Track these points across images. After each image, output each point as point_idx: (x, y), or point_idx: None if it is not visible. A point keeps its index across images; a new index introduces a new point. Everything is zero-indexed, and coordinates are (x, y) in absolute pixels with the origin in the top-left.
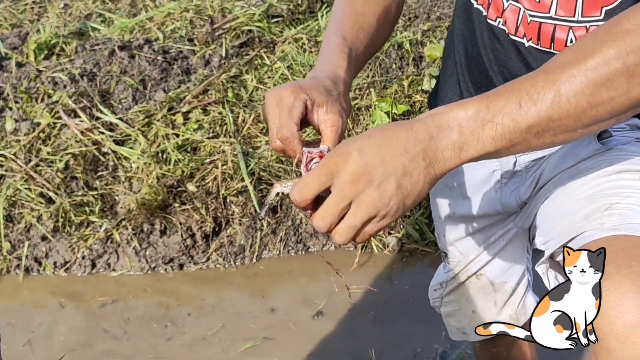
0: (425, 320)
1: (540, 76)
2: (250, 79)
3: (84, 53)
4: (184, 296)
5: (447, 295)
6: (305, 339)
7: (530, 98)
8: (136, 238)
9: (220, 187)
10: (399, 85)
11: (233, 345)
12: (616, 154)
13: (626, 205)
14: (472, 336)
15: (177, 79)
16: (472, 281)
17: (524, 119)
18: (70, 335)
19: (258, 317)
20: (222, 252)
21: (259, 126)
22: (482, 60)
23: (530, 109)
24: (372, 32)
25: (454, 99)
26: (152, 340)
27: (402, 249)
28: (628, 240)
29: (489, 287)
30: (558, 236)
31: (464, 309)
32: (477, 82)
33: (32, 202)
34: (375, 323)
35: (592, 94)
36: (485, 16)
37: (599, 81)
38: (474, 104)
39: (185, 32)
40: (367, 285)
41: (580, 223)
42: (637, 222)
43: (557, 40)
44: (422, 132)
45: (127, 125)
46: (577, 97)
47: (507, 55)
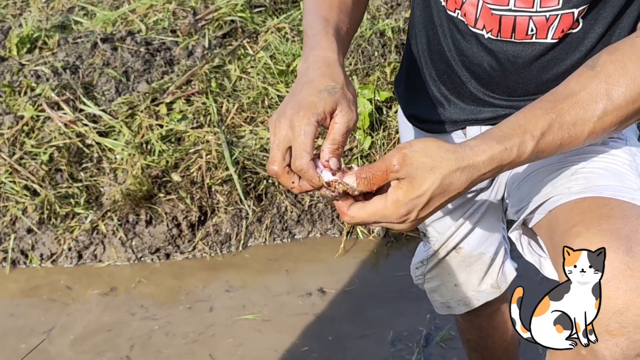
0: (410, 304)
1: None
2: (234, 69)
3: (67, 46)
4: (174, 285)
5: (429, 271)
6: (291, 324)
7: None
8: (122, 229)
9: (204, 176)
10: (381, 72)
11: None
12: None
13: (590, 169)
14: (456, 309)
15: (160, 70)
16: (452, 256)
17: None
18: (61, 327)
19: (246, 304)
20: (208, 241)
21: (243, 115)
22: (443, 49)
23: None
24: (351, 8)
25: (421, 87)
26: (144, 329)
27: (387, 235)
28: (595, 202)
29: (468, 259)
30: (528, 203)
31: (447, 284)
32: (440, 71)
33: (17, 195)
34: (360, 307)
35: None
36: (444, 7)
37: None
38: (496, 150)
39: (167, 23)
40: (352, 271)
41: (548, 189)
42: (602, 184)
43: (518, 30)
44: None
45: (111, 117)
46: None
47: (468, 45)
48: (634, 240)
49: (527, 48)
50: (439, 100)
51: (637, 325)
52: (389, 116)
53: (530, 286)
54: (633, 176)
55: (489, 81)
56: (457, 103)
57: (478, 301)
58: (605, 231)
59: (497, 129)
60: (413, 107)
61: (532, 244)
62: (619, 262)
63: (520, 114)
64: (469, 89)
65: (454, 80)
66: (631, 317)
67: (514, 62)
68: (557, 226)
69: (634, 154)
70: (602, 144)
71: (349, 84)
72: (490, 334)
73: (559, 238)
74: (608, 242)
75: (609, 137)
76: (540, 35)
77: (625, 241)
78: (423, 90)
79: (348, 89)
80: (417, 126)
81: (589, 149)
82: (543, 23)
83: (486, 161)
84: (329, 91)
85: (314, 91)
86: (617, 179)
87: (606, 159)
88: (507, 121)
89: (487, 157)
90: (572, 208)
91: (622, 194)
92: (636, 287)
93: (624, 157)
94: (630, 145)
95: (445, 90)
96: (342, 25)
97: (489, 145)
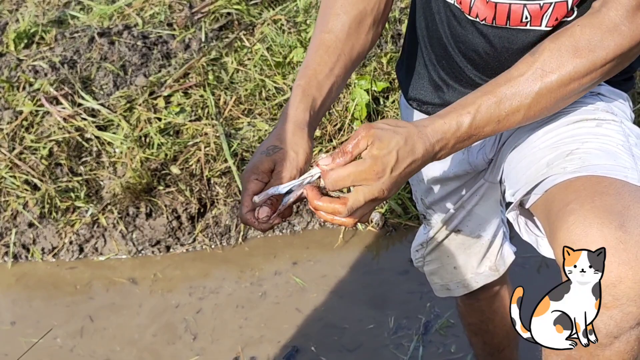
0: (409, 292)
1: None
2: (231, 61)
3: (64, 41)
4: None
5: (429, 254)
6: (290, 313)
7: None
8: (122, 222)
9: (203, 168)
10: (377, 62)
11: (222, 323)
12: (572, 106)
13: (585, 150)
14: (456, 291)
15: (157, 63)
16: (451, 238)
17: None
18: (64, 321)
19: (245, 295)
20: (208, 233)
21: (241, 108)
22: (441, 35)
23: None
24: (350, 60)
25: (421, 72)
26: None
27: (385, 224)
28: (588, 180)
29: (467, 241)
30: (524, 184)
31: (446, 266)
32: (438, 56)
33: (18, 190)
34: (360, 296)
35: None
36: None
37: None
38: (437, 123)
39: (164, 16)
40: (351, 261)
41: (544, 170)
42: (596, 164)
43: (513, 17)
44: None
45: (109, 111)
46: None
47: (465, 32)
48: (626, 216)
49: (522, 34)
50: (438, 84)
51: (630, 298)
52: (385, 106)
53: (530, 286)
54: (626, 156)
55: (485, 66)
56: (456, 87)
57: (477, 283)
58: (598, 207)
59: (444, 109)
60: (413, 91)
61: (529, 224)
62: (612, 236)
63: (466, 97)
64: (466, 73)
65: (452, 65)
66: (624, 290)
67: (508, 47)
68: (552, 205)
69: (627, 135)
70: (597, 125)
71: (297, 141)
72: (491, 318)
73: (555, 216)
74: (601, 217)
75: (604, 119)
76: (535, 22)
77: (618, 217)
78: (423, 75)
79: (293, 146)
80: (417, 109)
81: (585, 130)
82: (537, 11)
83: (431, 132)
84: (268, 152)
85: (258, 152)
86: (611, 158)
87: (601, 139)
88: (454, 103)
89: (431, 129)
90: (567, 187)
91: (615, 172)
92: (628, 261)
93: (617, 138)
94: (624, 127)
95: (444, 74)
96: (328, 82)
97: (433, 120)
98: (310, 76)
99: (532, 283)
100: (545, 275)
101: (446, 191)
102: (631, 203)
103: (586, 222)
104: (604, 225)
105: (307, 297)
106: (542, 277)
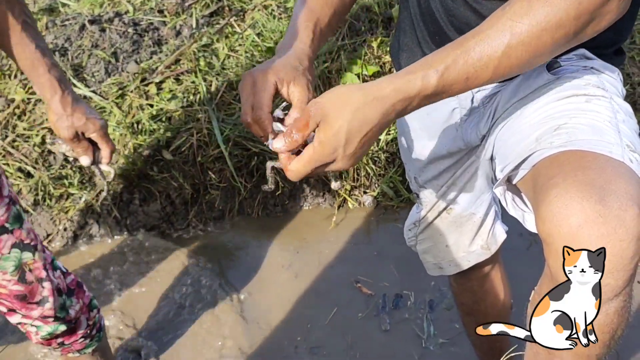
0: (406, 272)
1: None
2: (222, 47)
3: (55, 29)
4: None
5: (421, 233)
6: (289, 295)
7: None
8: (116, 208)
9: (196, 154)
10: (368, 47)
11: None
12: (564, 81)
13: (573, 125)
14: (448, 270)
15: (148, 50)
16: (443, 216)
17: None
18: None
19: (239, 276)
20: (202, 218)
21: (232, 93)
22: (432, 11)
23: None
24: (338, 4)
25: (413, 48)
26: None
27: (377, 207)
28: (573, 154)
29: (459, 220)
30: (513, 159)
31: (438, 245)
32: (431, 32)
33: (11, 177)
34: (354, 277)
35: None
36: None
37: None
38: (399, 82)
39: (155, 3)
40: (345, 241)
41: (532, 145)
42: (582, 139)
43: None
44: (389, 110)
45: (101, 98)
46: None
47: (457, 6)
48: (607, 190)
49: None
50: None
51: (608, 270)
52: None
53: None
54: (612, 131)
55: None
56: None
57: (468, 262)
58: (581, 181)
59: (412, 65)
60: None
61: (516, 200)
62: (592, 210)
63: (434, 52)
64: None
65: (445, 41)
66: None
67: None
68: (538, 179)
69: (615, 111)
70: (586, 101)
71: (311, 70)
72: (483, 298)
73: (539, 189)
74: (582, 191)
75: (594, 95)
76: None
77: (599, 191)
78: (417, 52)
79: (310, 72)
80: None
81: (573, 106)
82: None
83: (391, 92)
84: (293, 66)
85: (281, 62)
86: (597, 133)
87: (589, 115)
88: (421, 59)
89: (391, 88)
90: (552, 161)
91: (600, 147)
92: (607, 234)
93: (605, 114)
94: (613, 103)
95: (437, 50)
96: (325, 18)
97: (393, 79)
98: (315, 23)
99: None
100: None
101: (439, 169)
102: (612, 178)
103: (567, 195)
104: (584, 199)
105: (303, 277)
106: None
